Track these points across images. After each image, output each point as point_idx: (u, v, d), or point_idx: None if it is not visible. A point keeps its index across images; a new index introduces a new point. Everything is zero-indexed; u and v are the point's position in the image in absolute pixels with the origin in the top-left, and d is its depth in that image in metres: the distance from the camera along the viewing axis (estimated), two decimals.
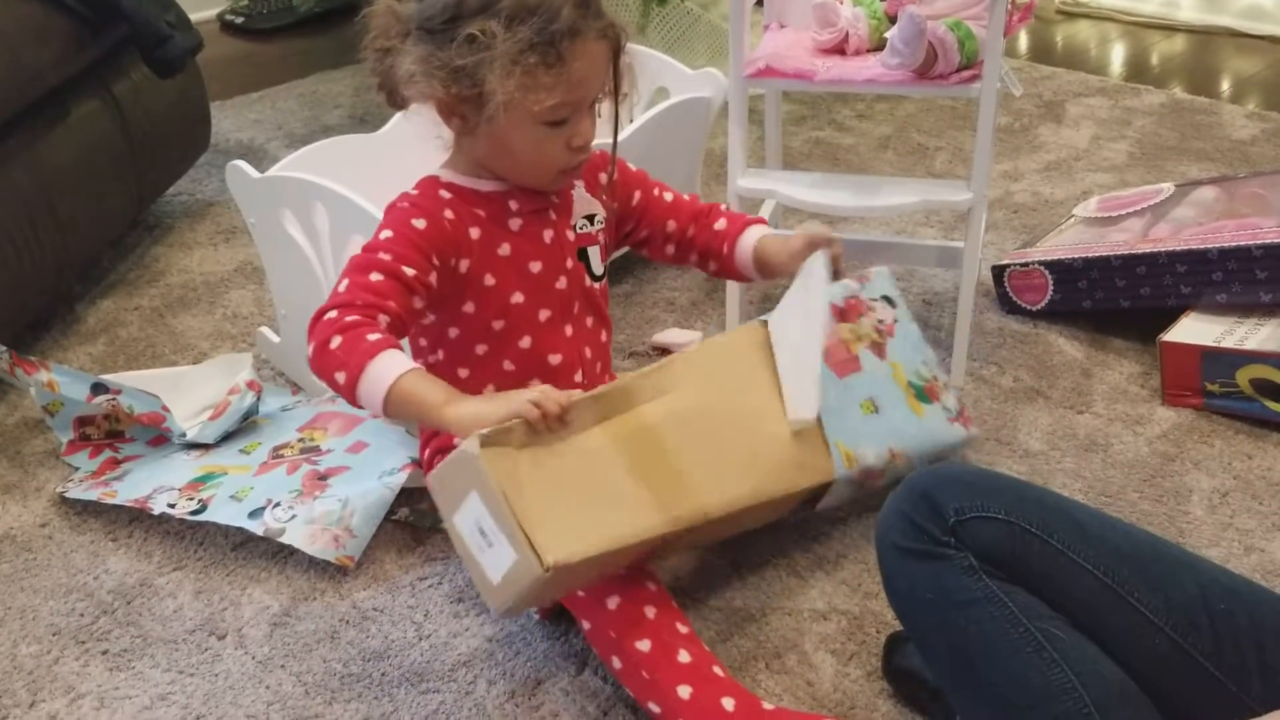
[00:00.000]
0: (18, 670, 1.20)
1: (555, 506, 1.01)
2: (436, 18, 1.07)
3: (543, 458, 1.03)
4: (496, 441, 1.00)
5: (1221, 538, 1.33)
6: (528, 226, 1.18)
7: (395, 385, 1.04)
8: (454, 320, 1.19)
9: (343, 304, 1.08)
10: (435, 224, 1.13)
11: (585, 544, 1.00)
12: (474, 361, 1.20)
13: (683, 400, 1.14)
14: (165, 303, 1.86)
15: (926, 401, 1.31)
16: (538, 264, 1.19)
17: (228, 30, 3.19)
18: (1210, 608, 0.90)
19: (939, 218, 2.05)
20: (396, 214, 1.15)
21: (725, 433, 1.15)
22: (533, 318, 1.19)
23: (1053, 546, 0.92)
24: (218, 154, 2.31)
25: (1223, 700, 0.89)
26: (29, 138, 1.70)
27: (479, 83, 1.07)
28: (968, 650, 0.92)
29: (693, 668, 1.07)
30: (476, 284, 1.16)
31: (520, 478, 1.00)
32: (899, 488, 0.98)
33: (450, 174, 1.19)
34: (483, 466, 0.98)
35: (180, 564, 1.33)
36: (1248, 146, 2.32)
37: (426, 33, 1.08)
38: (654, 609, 1.11)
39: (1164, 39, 2.99)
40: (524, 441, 1.02)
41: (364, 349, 1.04)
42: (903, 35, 1.41)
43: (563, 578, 1.00)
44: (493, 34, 1.05)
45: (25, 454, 1.52)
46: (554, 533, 0.99)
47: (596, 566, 1.04)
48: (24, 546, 1.36)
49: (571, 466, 1.04)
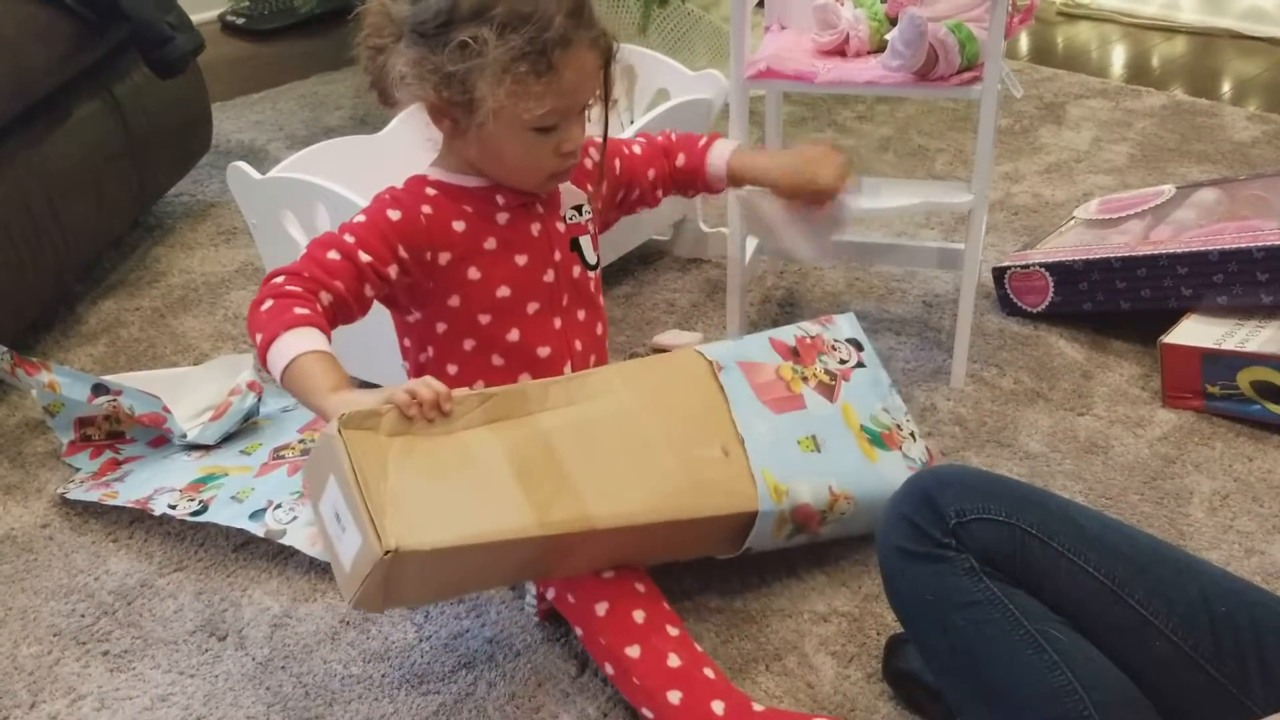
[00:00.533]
0: (18, 671, 1.20)
1: (419, 496, 0.97)
2: (429, 22, 1.07)
3: (417, 446, 1.00)
4: (360, 425, 0.97)
5: (1222, 540, 1.33)
6: (514, 221, 1.19)
7: (295, 360, 1.03)
8: (440, 315, 1.19)
9: (290, 273, 1.10)
10: (409, 217, 1.14)
11: (440, 535, 0.96)
12: (462, 357, 1.20)
13: (592, 411, 1.11)
14: (166, 303, 1.86)
15: (883, 447, 1.26)
16: (524, 257, 1.19)
17: (229, 31, 3.20)
18: (1211, 610, 0.90)
19: (939, 219, 2.05)
20: (375, 204, 1.17)
21: (633, 448, 1.11)
22: (520, 311, 1.19)
23: (1053, 549, 0.92)
24: (219, 155, 2.32)
25: (1223, 703, 0.89)
26: (30, 138, 1.70)
27: (470, 89, 1.07)
28: (968, 652, 0.92)
29: (682, 672, 1.07)
30: (460, 277, 1.17)
31: (386, 463, 0.97)
32: (900, 490, 0.98)
33: (438, 172, 1.19)
34: (338, 447, 0.95)
35: (181, 565, 1.33)
36: (1249, 148, 2.32)
37: (419, 36, 1.08)
38: (643, 613, 1.11)
39: (1165, 41, 3.00)
40: (395, 429, 0.99)
41: (286, 320, 1.05)
42: (904, 37, 1.41)
43: (417, 570, 0.96)
44: (484, 41, 1.05)
45: (26, 455, 1.52)
46: (408, 520, 0.94)
47: (462, 565, 1.01)
48: (25, 547, 1.37)
49: (447, 459, 1.01)
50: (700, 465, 1.14)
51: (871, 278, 1.87)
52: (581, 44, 1.09)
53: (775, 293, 1.85)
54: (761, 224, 1.39)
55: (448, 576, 1.04)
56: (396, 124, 1.71)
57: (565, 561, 1.11)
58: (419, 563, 0.95)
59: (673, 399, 1.18)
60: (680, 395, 1.19)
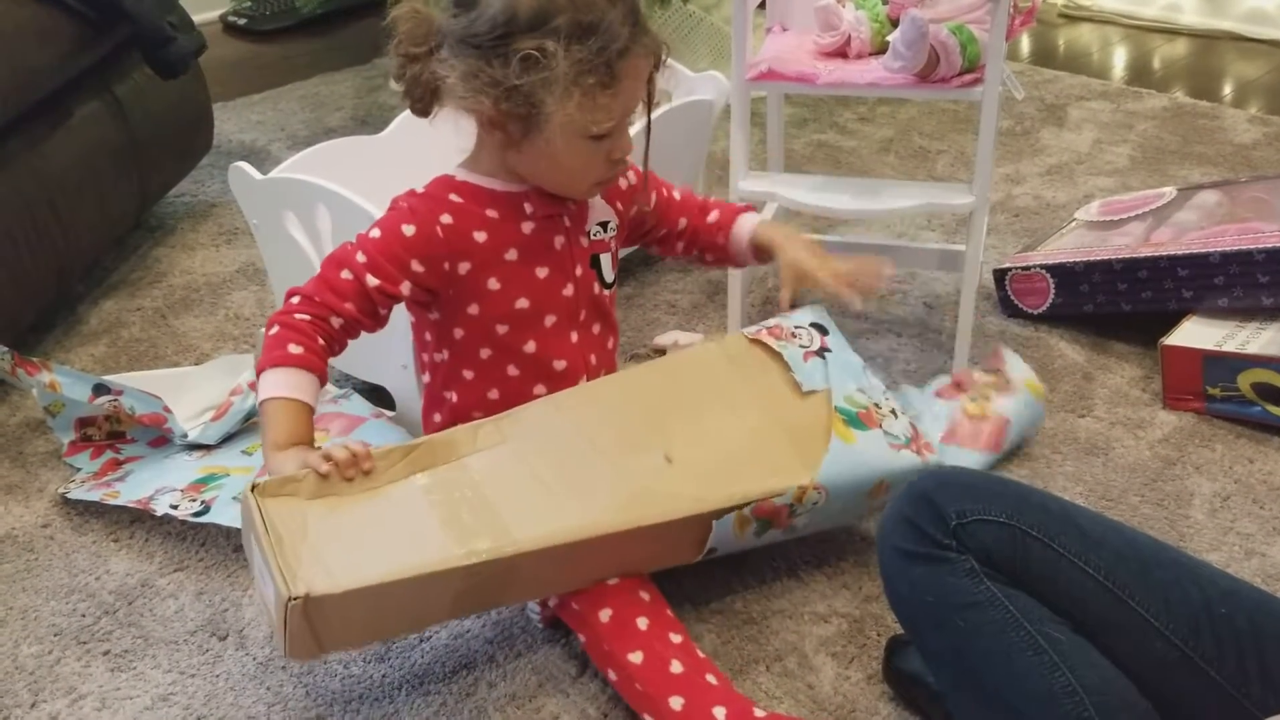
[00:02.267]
0: (19, 670, 1.20)
1: (339, 546, 1.00)
2: (485, 34, 1.05)
3: (340, 505, 1.04)
4: (278, 491, 1.02)
5: (1222, 542, 1.33)
6: (539, 232, 1.18)
7: (264, 402, 1.08)
8: (458, 321, 1.19)
9: (304, 295, 1.12)
10: (424, 232, 1.13)
11: (356, 577, 0.98)
12: (478, 364, 1.20)
13: (524, 445, 1.12)
14: (167, 304, 1.87)
15: (860, 427, 1.23)
16: (544, 269, 1.18)
17: (230, 31, 3.20)
18: (1211, 612, 0.90)
19: (940, 221, 2.05)
20: (392, 215, 1.16)
21: (567, 471, 1.11)
22: (538, 323, 1.19)
23: (1054, 550, 0.92)
24: (220, 155, 2.32)
25: (1223, 704, 0.89)
26: (31, 139, 1.70)
27: (535, 103, 1.05)
28: (969, 653, 0.92)
29: (685, 678, 1.07)
30: (480, 287, 1.16)
31: (306, 523, 1.01)
32: (900, 491, 0.98)
33: (467, 174, 1.18)
34: (253, 509, 1.00)
35: (182, 565, 1.33)
36: (1250, 150, 2.32)
37: (472, 47, 1.05)
38: (647, 620, 1.11)
39: (1166, 43, 3.00)
40: (316, 492, 1.03)
41: (276, 356, 1.09)
42: (905, 38, 1.41)
43: (339, 613, 0.98)
44: (551, 54, 1.03)
45: (27, 454, 1.52)
46: (326, 568, 0.98)
47: (390, 603, 1.02)
48: (26, 547, 1.37)
49: (369, 511, 1.05)
50: (639, 475, 1.13)
51: None
52: (639, 52, 1.08)
53: (776, 294, 1.85)
54: None
55: (378, 617, 1.05)
56: (398, 124, 1.71)
57: (508, 590, 1.11)
58: (337, 606, 0.98)
59: (615, 413, 1.18)
60: (622, 407, 1.18)
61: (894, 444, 1.23)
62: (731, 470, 1.16)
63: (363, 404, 1.49)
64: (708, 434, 1.18)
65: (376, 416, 1.45)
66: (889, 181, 2.09)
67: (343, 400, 1.48)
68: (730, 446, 1.18)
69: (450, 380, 1.22)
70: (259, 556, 1.00)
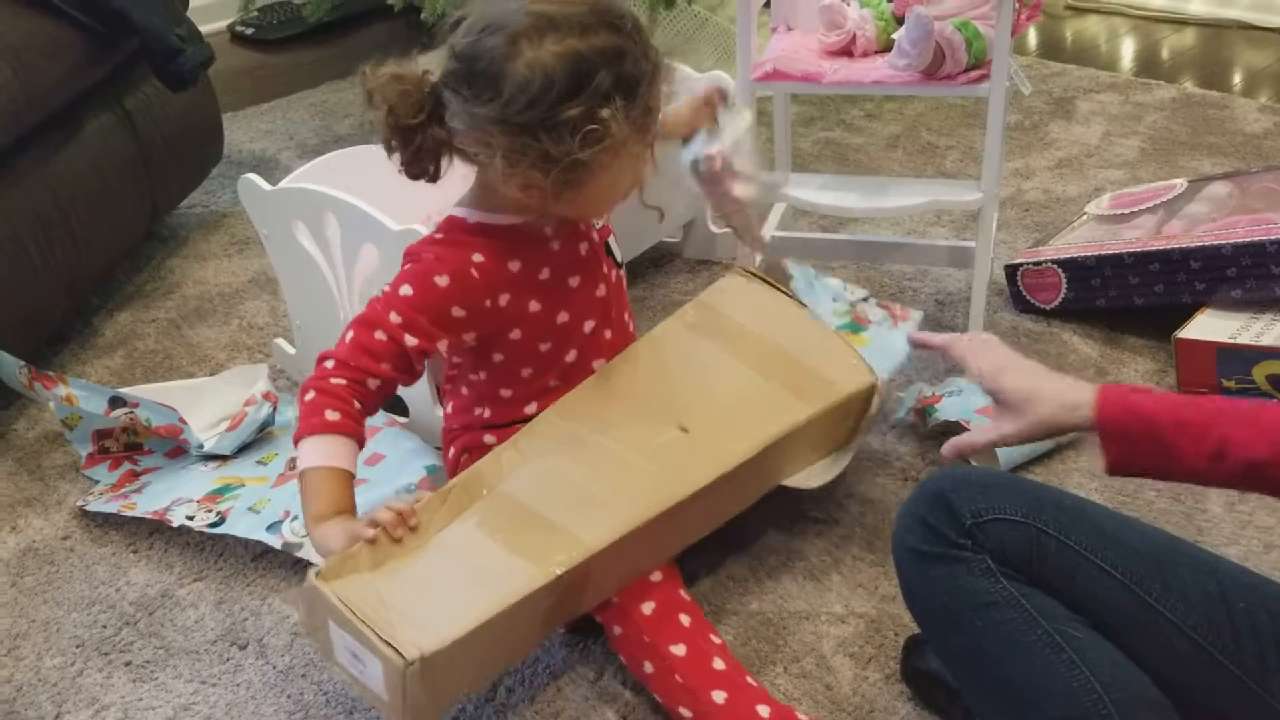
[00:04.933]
0: (42, 682, 1.21)
1: (420, 605, 1.01)
2: (526, 111, 1.00)
3: (401, 566, 1.04)
4: (339, 573, 1.02)
5: (1240, 536, 1.32)
6: (565, 246, 1.17)
7: (305, 472, 1.07)
8: (498, 346, 1.17)
9: (338, 360, 1.10)
10: (460, 279, 1.10)
11: (455, 626, 0.99)
12: (518, 383, 1.20)
13: (548, 457, 1.14)
14: (181, 314, 1.88)
15: (861, 330, 1.34)
16: (576, 278, 1.18)
17: (238, 41, 3.21)
18: (1230, 606, 0.90)
19: (950, 217, 2.04)
20: (421, 267, 1.11)
21: (598, 469, 1.13)
22: (578, 332, 1.19)
23: (1070, 547, 0.92)
24: (230, 165, 2.33)
25: (1243, 699, 0.89)
26: (44, 153, 1.71)
27: (594, 169, 1.03)
28: (986, 652, 0.92)
29: (727, 675, 1.08)
30: (522, 313, 1.15)
31: (379, 592, 1.01)
32: (915, 491, 0.98)
33: (478, 214, 1.14)
34: (328, 598, 1.00)
35: (201, 575, 1.34)
36: (1261, 140, 2.31)
37: (514, 125, 1.01)
38: (689, 617, 1.12)
39: (1174, 33, 2.98)
40: (375, 560, 1.03)
41: (314, 423, 1.07)
42: (910, 36, 1.41)
43: (448, 667, 0.99)
44: (607, 121, 1.00)
45: (46, 467, 1.53)
46: (420, 628, 0.98)
47: (492, 643, 1.03)
48: (46, 559, 1.38)
49: (433, 563, 1.05)
50: (666, 452, 1.16)
51: (883, 276, 1.87)
52: (661, 77, 1.07)
53: None
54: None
55: (483, 658, 1.06)
56: None
57: (585, 594, 1.11)
58: (447, 659, 0.98)
59: (617, 405, 1.19)
60: (623, 398, 1.20)
61: (890, 324, 1.38)
62: (750, 416, 1.21)
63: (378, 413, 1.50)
64: (712, 395, 1.23)
65: (389, 425, 1.46)
66: (897, 179, 2.09)
67: None
68: (739, 397, 1.23)
69: (485, 397, 1.22)
70: (347, 640, 0.99)
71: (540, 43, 1.00)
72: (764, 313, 1.30)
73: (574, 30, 1.01)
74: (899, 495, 1.39)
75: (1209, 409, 0.92)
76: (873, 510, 1.37)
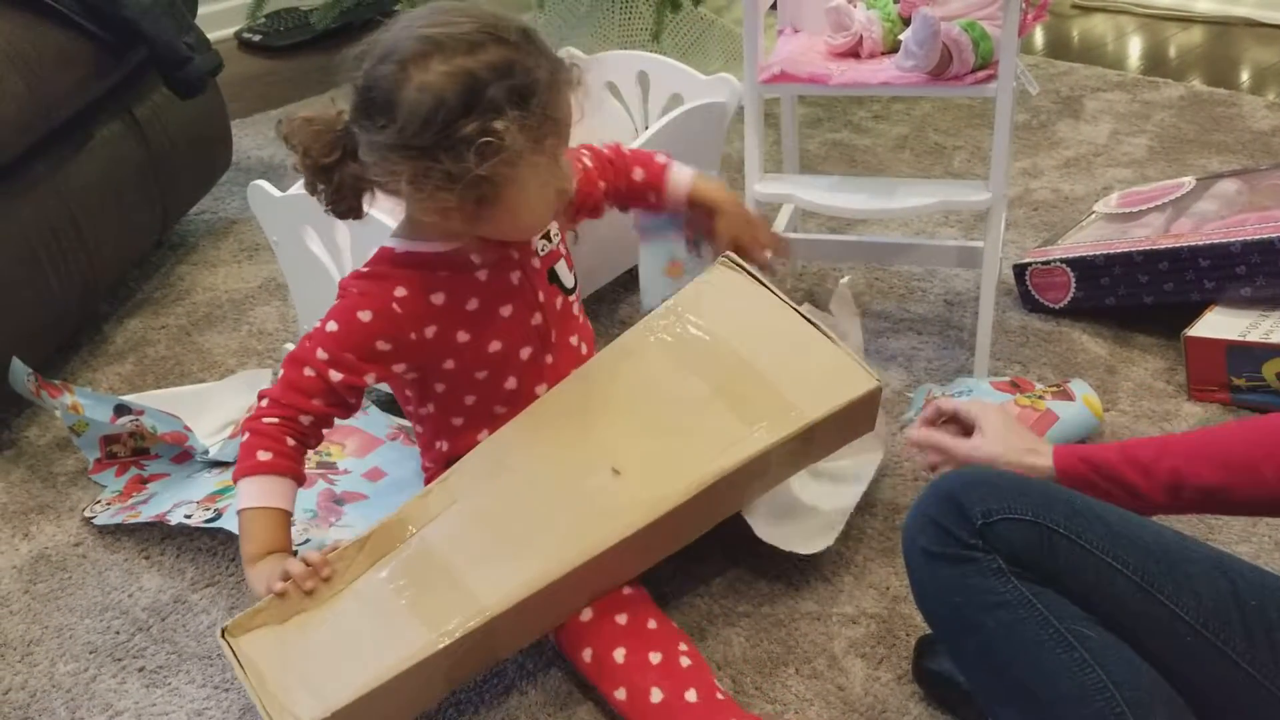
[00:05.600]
0: (56, 689, 1.22)
1: (317, 665, 1.03)
2: (420, 133, 1.00)
3: (312, 617, 1.06)
4: (249, 625, 1.05)
5: (1252, 534, 1.32)
6: (494, 275, 1.16)
7: (241, 513, 1.11)
8: (437, 377, 1.18)
9: (271, 399, 1.13)
10: (382, 313, 1.11)
11: (343, 694, 1.00)
12: (464, 410, 1.20)
13: (473, 501, 1.13)
14: (191, 321, 1.88)
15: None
16: (508, 308, 1.17)
17: (245, 48, 3.22)
18: (1242, 604, 0.90)
19: (958, 217, 2.04)
20: (347, 303, 1.13)
21: (524, 514, 1.12)
22: (514, 360, 1.19)
23: (1081, 546, 0.92)
24: (239, 171, 2.34)
25: (1256, 696, 0.88)
26: (54, 162, 1.72)
27: (499, 182, 1.03)
28: (998, 653, 0.92)
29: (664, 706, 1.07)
30: (451, 343, 1.15)
31: (284, 647, 1.04)
32: (924, 491, 0.98)
33: (406, 243, 1.14)
34: (226, 651, 1.05)
35: (213, 580, 1.34)
36: (1269, 138, 2.30)
37: (413, 149, 1.01)
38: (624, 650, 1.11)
39: (1181, 31, 2.98)
40: (284, 613, 1.06)
41: (247, 465, 1.11)
42: (917, 37, 1.41)
43: None
44: (501, 134, 1.00)
45: (57, 474, 1.54)
46: (310, 692, 1.01)
47: (387, 702, 1.03)
48: (59, 566, 1.38)
49: (340, 618, 1.06)
50: (592, 498, 1.12)
51: (891, 277, 1.87)
52: (563, 83, 1.07)
53: (794, 295, 1.84)
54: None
55: (382, 715, 1.06)
56: None
57: (496, 649, 1.11)
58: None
59: (555, 439, 1.17)
60: (561, 432, 1.18)
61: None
62: (692, 452, 1.13)
63: (381, 418, 1.50)
64: (657, 425, 1.17)
65: (393, 438, 1.46)
66: (905, 180, 2.09)
67: (361, 414, 1.49)
68: (684, 430, 1.16)
69: (440, 430, 1.22)
70: (250, 694, 1.02)
71: (428, 66, 1.01)
72: (743, 316, 1.21)
73: (461, 49, 1.02)
74: (909, 496, 1.39)
75: (1157, 443, 1.01)
76: (883, 511, 1.37)
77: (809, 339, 1.19)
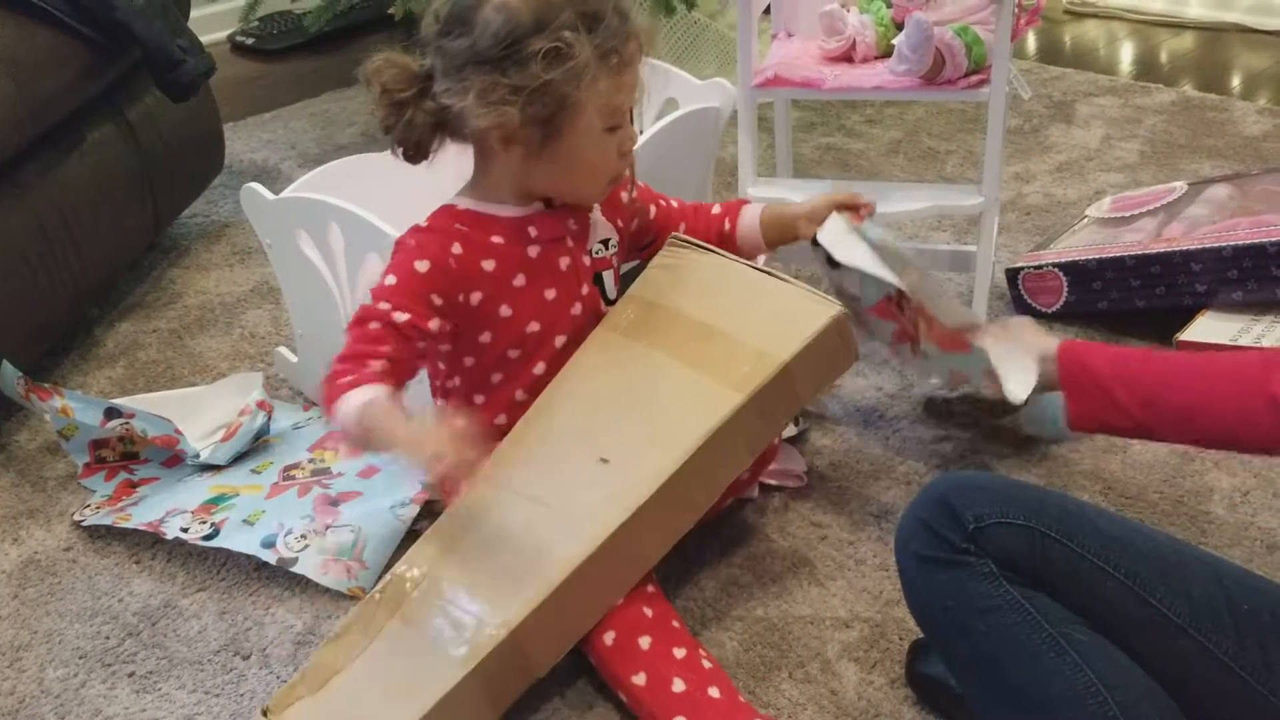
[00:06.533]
0: (45, 694, 1.21)
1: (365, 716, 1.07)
2: (492, 47, 1.06)
3: (344, 682, 1.09)
4: (287, 701, 1.09)
5: (1243, 537, 1.32)
6: (545, 254, 1.18)
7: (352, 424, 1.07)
8: (470, 349, 1.19)
9: (342, 358, 1.12)
10: (438, 265, 1.14)
11: None
12: (489, 389, 1.21)
13: (470, 534, 1.15)
14: (183, 324, 1.88)
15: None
16: (552, 291, 1.19)
17: (238, 51, 3.22)
18: (1233, 607, 0.90)
19: (951, 221, 2.04)
20: (402, 255, 1.16)
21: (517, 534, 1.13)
22: (548, 345, 1.20)
23: (1073, 551, 0.92)
24: (232, 175, 2.33)
25: (1248, 700, 0.89)
26: (45, 163, 1.71)
27: (564, 96, 1.07)
28: (990, 656, 0.92)
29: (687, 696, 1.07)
30: (492, 315, 1.17)
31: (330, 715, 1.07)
32: (917, 496, 0.98)
33: (470, 201, 1.18)
34: None
35: (203, 585, 1.34)
36: (1260, 143, 2.31)
37: (483, 63, 1.07)
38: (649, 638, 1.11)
39: (1173, 36, 2.99)
40: (317, 683, 1.10)
41: (335, 392, 1.09)
42: (910, 42, 1.41)
43: None
44: (571, 43, 1.05)
45: (47, 478, 1.53)
46: None
47: None
48: (48, 570, 1.38)
49: (369, 675, 1.09)
50: (584, 495, 1.13)
51: None
52: (636, 37, 1.12)
53: None
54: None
55: None
56: None
57: (532, 661, 1.10)
58: None
59: (542, 446, 1.18)
60: (547, 438, 1.18)
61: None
62: (675, 423, 1.14)
63: None
64: (636, 406, 1.18)
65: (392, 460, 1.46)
66: (898, 184, 2.09)
67: None
68: (662, 404, 1.17)
69: (462, 404, 1.24)
70: None
71: None
72: (698, 285, 1.23)
73: None
74: (902, 500, 1.39)
75: (1141, 357, 1.06)
76: (876, 515, 1.37)
77: (764, 287, 1.21)
